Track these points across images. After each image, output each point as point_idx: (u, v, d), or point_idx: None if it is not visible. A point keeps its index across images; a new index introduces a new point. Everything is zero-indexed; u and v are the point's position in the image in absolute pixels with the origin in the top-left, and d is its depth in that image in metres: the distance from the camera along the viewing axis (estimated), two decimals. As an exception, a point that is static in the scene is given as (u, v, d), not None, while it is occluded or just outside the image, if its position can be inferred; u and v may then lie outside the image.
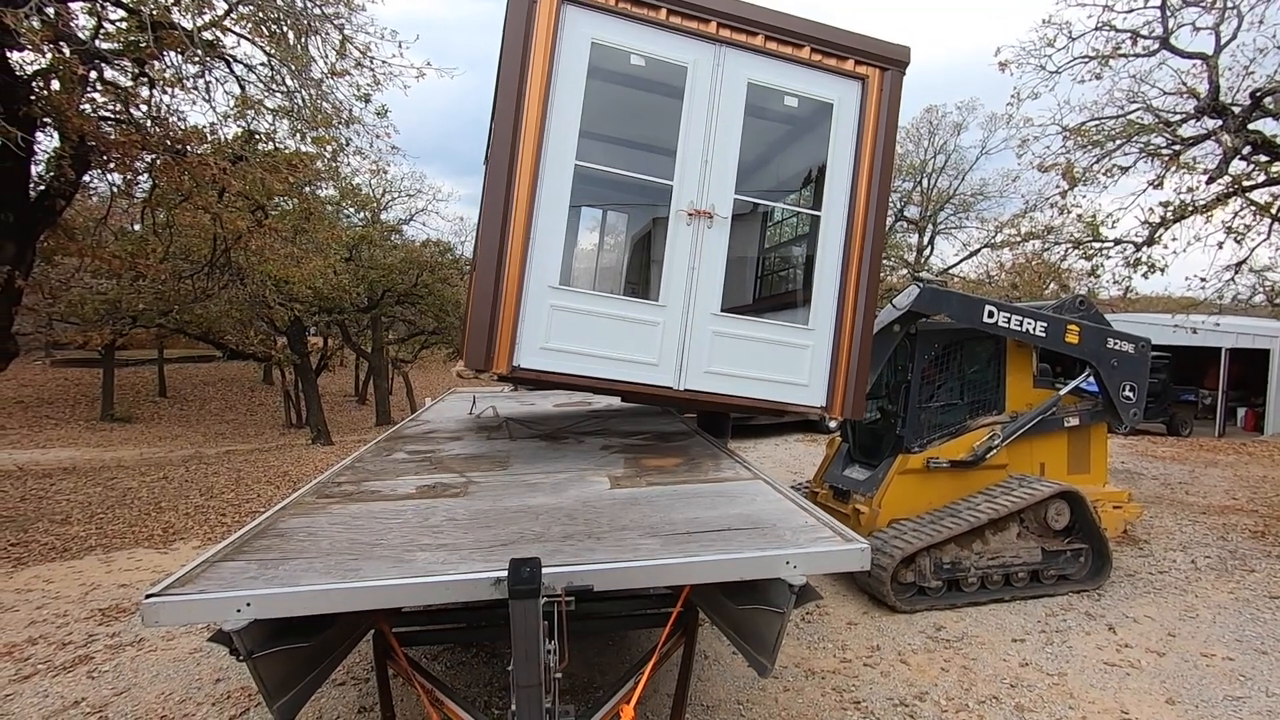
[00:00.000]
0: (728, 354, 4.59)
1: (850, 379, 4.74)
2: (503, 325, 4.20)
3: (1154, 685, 4.77)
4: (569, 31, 4.26)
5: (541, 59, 4.18)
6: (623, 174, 4.80)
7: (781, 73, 4.61)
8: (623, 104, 5.39)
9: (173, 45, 7.59)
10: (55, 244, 9.40)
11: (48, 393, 27.02)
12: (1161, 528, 8.70)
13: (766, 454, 13.95)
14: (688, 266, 4.51)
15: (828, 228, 4.77)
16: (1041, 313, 6.53)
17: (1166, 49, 9.94)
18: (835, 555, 2.82)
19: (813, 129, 5.39)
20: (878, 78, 4.72)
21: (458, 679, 4.77)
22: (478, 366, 4.17)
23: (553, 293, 4.31)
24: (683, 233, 4.51)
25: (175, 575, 2.47)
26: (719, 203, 4.53)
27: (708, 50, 4.48)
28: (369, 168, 15.35)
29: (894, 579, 5.91)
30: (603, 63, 4.47)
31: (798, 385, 4.71)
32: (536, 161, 4.22)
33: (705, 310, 4.55)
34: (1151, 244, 10.53)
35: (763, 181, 6.80)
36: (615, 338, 4.41)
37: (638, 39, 4.38)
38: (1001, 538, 6.23)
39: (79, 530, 8.73)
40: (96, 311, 15.96)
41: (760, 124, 5.27)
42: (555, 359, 4.32)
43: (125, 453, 18.23)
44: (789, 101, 4.76)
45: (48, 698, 4.59)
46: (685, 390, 4.52)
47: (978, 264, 29.29)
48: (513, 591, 2.31)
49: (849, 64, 4.66)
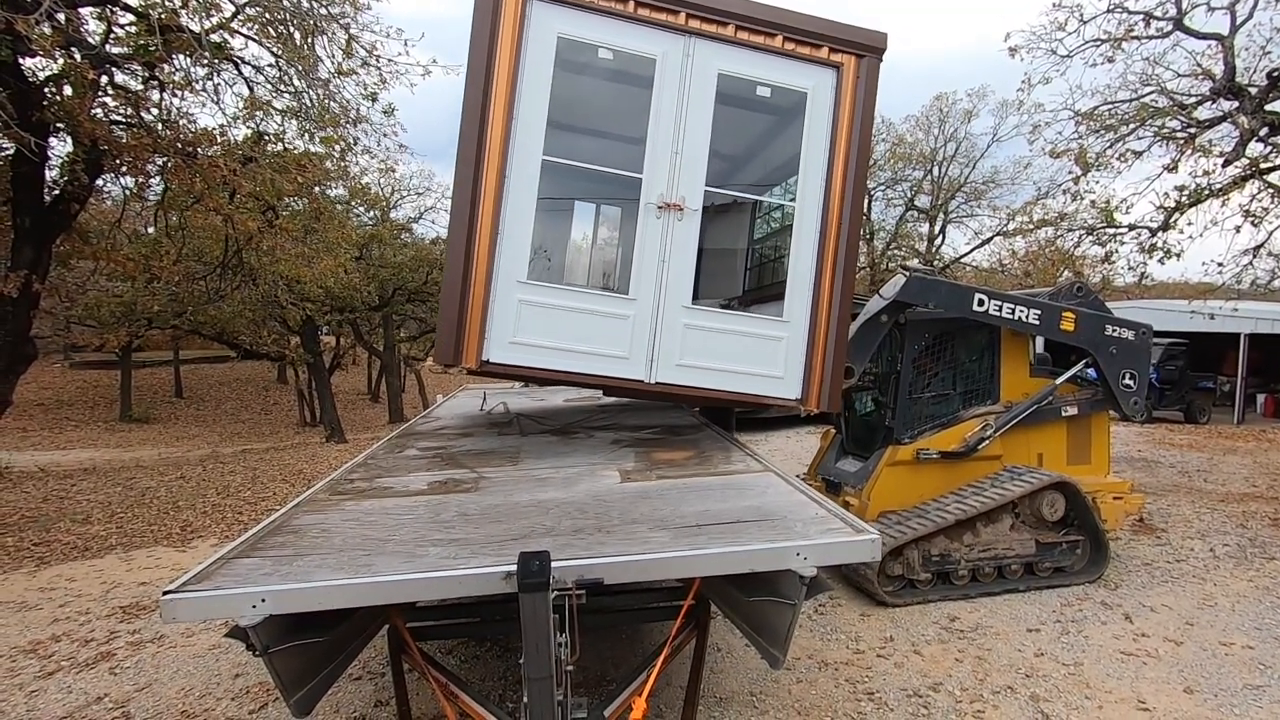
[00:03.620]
0: (700, 346, 4.58)
1: (826, 371, 4.72)
2: (471, 320, 4.23)
3: (1172, 675, 4.73)
4: (535, 26, 4.26)
5: (508, 55, 4.18)
6: (591, 167, 4.76)
7: (753, 62, 4.57)
8: (591, 97, 5.36)
9: (181, 48, 7.65)
10: (70, 248, 9.52)
11: (67, 394, 27.42)
12: (1179, 516, 8.61)
13: (777, 446, 13.93)
14: (658, 259, 4.51)
15: (802, 219, 4.73)
16: (1035, 300, 6.42)
17: (1181, 30, 9.78)
18: (846, 546, 2.82)
19: (787, 119, 5.35)
20: (853, 65, 4.67)
21: (471, 673, 4.81)
22: (446, 361, 4.20)
23: (521, 287, 4.32)
24: (652, 225, 4.50)
25: (192, 572, 2.50)
26: (689, 195, 4.51)
27: (677, 42, 4.45)
28: (378, 166, 15.45)
29: (881, 572, 5.85)
30: (570, 57, 4.46)
31: (772, 378, 4.70)
32: (503, 157, 4.22)
33: (676, 303, 4.55)
34: (1167, 229, 10.40)
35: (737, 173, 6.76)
36: (585, 331, 4.41)
37: (605, 32, 4.36)
38: (994, 530, 6.14)
39: (100, 529, 8.86)
40: (113, 314, 16.19)
41: (733, 115, 5.23)
42: (524, 353, 4.34)
43: (144, 453, 18.48)
44: (761, 91, 4.72)
45: (71, 693, 4.67)
46: (657, 383, 4.53)
47: (990, 252, 28.99)
48: (522, 585, 2.32)
49: (823, 52, 4.62)
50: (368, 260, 20.06)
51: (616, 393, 5.29)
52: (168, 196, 10.81)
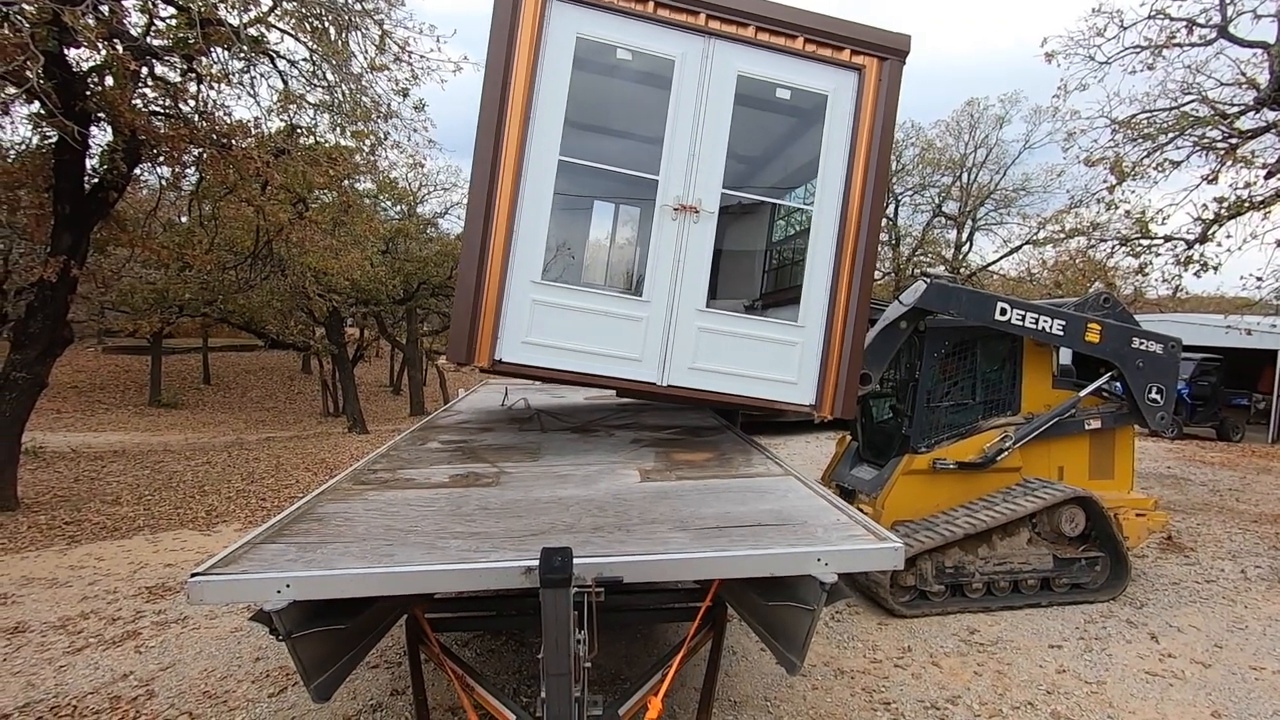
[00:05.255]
0: (713, 350, 4.55)
1: (841, 377, 4.66)
2: (484, 319, 4.23)
3: (1198, 697, 4.61)
4: (554, 26, 4.25)
5: (526, 54, 4.19)
6: (607, 168, 4.75)
7: (773, 64, 4.53)
8: (609, 98, 5.34)
9: (220, 41, 7.80)
10: (107, 235, 9.74)
11: (99, 378, 28.10)
12: (1210, 536, 8.39)
13: (796, 451, 13.83)
14: (672, 261, 4.48)
15: (820, 223, 4.68)
16: (1060, 310, 6.29)
17: (1225, 38, 9.54)
18: (868, 554, 2.79)
19: (807, 121, 5.28)
20: (875, 68, 4.60)
21: (486, 666, 4.83)
22: (459, 359, 4.21)
23: (535, 287, 4.32)
24: (668, 227, 4.47)
25: (219, 556, 2.55)
26: (705, 197, 4.48)
27: (696, 42, 4.42)
28: (406, 161, 15.60)
29: (894, 582, 5.78)
30: (588, 57, 4.44)
31: (786, 383, 4.65)
32: (520, 156, 4.23)
33: (690, 306, 4.52)
34: (1204, 241, 10.13)
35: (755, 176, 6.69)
36: (598, 333, 4.40)
37: (625, 32, 4.34)
38: (1010, 543, 6.03)
39: (128, 511, 9.07)
40: (146, 300, 16.55)
41: (751, 117, 5.19)
42: (537, 353, 4.34)
43: (171, 437, 18.87)
44: (781, 93, 4.67)
45: (98, 670, 4.78)
46: (669, 386, 4.50)
47: (1018, 261, 28.49)
48: (544, 580, 2.33)
49: (845, 54, 4.56)
50: (394, 254, 20.30)
51: (628, 394, 5.27)
52: (202, 186, 11.04)
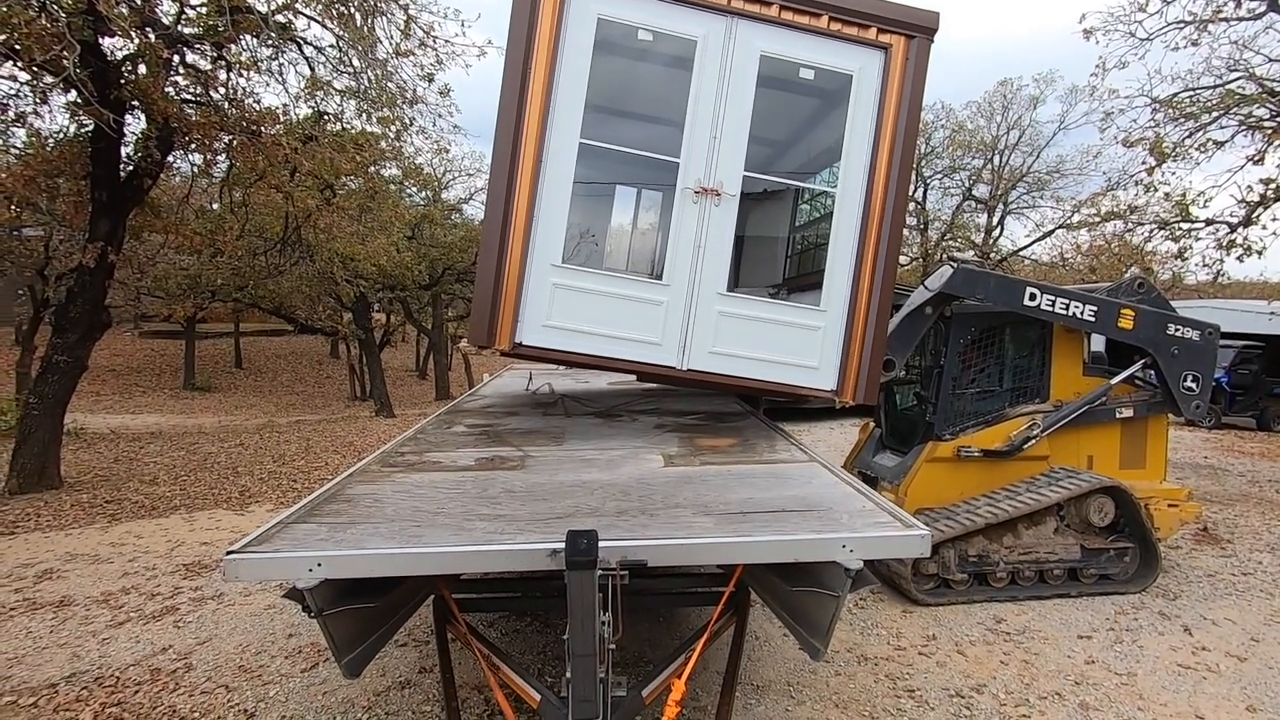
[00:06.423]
0: (734, 334, 4.51)
1: (864, 363, 4.60)
2: (505, 302, 4.24)
3: (1233, 691, 4.52)
4: (575, 8, 4.21)
5: (547, 36, 4.15)
6: (629, 151, 4.69)
7: (797, 43, 4.43)
8: (630, 80, 5.28)
9: (249, 29, 7.88)
10: (142, 221, 9.96)
11: (136, 362, 28.87)
12: (1247, 527, 8.18)
13: (820, 438, 13.75)
14: (693, 245, 4.43)
15: (843, 206, 4.60)
16: (1091, 295, 6.11)
17: (1275, 10, 9.14)
18: (893, 541, 2.76)
19: (831, 102, 5.17)
20: (902, 46, 4.49)
21: (512, 646, 4.91)
22: (480, 342, 4.23)
23: (555, 270, 4.31)
24: (689, 210, 4.42)
25: (253, 535, 2.61)
26: (727, 180, 4.42)
27: (719, 22, 4.34)
28: (431, 147, 15.70)
29: (916, 570, 5.73)
30: (609, 38, 4.39)
31: (807, 368, 4.60)
32: (541, 138, 4.20)
33: (711, 290, 4.47)
34: (1248, 224, 9.80)
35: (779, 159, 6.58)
36: (618, 316, 4.38)
37: (646, 13, 4.28)
38: (1036, 532, 5.92)
39: (165, 490, 9.34)
40: (179, 286, 16.95)
41: (774, 98, 5.08)
42: (557, 336, 4.34)
43: (205, 420, 19.35)
44: (805, 74, 4.58)
45: (139, 643, 4.95)
46: (689, 370, 4.48)
47: (1051, 245, 27.74)
48: (570, 562, 2.35)
49: (871, 32, 4.45)
50: (419, 240, 20.46)
51: (648, 378, 5.26)
52: (232, 173, 11.21)
